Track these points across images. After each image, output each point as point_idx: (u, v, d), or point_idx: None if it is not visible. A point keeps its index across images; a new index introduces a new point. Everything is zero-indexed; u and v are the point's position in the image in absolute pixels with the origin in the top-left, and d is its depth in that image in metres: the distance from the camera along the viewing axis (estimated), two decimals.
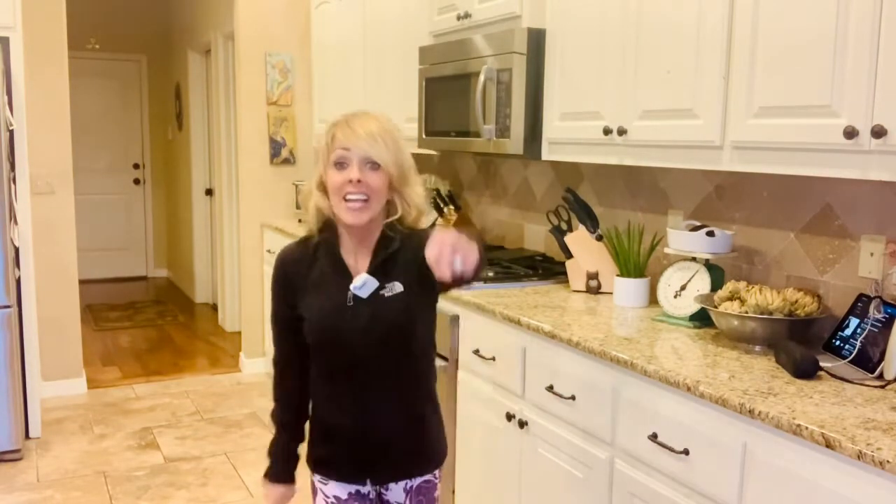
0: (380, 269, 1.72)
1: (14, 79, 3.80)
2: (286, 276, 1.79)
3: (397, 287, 1.71)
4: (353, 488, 1.83)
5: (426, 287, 1.69)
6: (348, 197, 1.65)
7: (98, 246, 7.91)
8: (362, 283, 1.70)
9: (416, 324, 1.76)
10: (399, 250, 1.73)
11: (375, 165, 1.66)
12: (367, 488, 1.84)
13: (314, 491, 1.87)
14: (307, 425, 1.87)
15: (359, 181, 1.64)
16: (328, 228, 1.75)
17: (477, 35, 2.95)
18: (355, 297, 1.71)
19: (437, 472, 1.88)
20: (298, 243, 1.82)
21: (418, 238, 1.68)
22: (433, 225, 3.84)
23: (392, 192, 1.71)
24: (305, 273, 1.76)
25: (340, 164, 1.66)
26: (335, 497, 1.82)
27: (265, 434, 4.03)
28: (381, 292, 1.71)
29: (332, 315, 1.72)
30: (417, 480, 1.84)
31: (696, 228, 2.34)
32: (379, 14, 3.91)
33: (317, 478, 1.85)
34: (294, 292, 1.76)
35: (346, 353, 1.73)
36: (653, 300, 2.50)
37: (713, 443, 1.73)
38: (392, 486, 1.84)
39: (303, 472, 1.89)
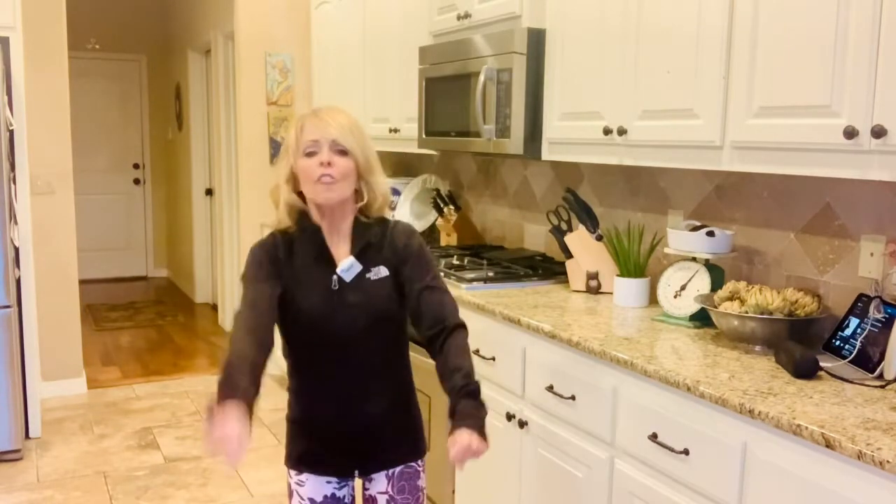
0: (363, 254, 1.77)
1: (14, 79, 3.80)
2: (268, 257, 1.77)
3: (383, 271, 1.78)
4: (329, 490, 1.84)
5: (398, 276, 1.80)
6: (320, 178, 1.70)
7: (98, 246, 7.92)
8: (348, 267, 1.75)
9: (398, 308, 1.81)
10: (381, 239, 1.79)
11: (343, 151, 1.72)
12: (343, 492, 1.86)
13: (290, 493, 1.88)
14: (282, 418, 1.86)
15: (329, 163, 1.69)
16: (304, 220, 1.78)
17: (477, 35, 2.95)
18: (340, 280, 1.75)
19: (420, 461, 1.90)
20: (270, 236, 1.82)
21: (397, 233, 1.81)
22: (432, 225, 3.85)
23: (359, 181, 1.76)
24: (285, 260, 1.78)
25: (311, 153, 1.71)
26: (310, 500, 1.84)
27: (265, 434, 4.03)
28: (367, 276, 1.76)
29: (318, 301, 1.74)
30: (399, 466, 1.86)
31: (696, 228, 2.34)
32: (379, 14, 3.91)
33: (294, 479, 1.85)
34: (278, 271, 1.76)
35: (331, 339, 1.75)
36: (653, 300, 2.50)
37: (713, 443, 1.73)
38: (374, 474, 1.86)
39: (281, 472, 1.88)
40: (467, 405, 1.64)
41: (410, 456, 1.88)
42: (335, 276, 1.75)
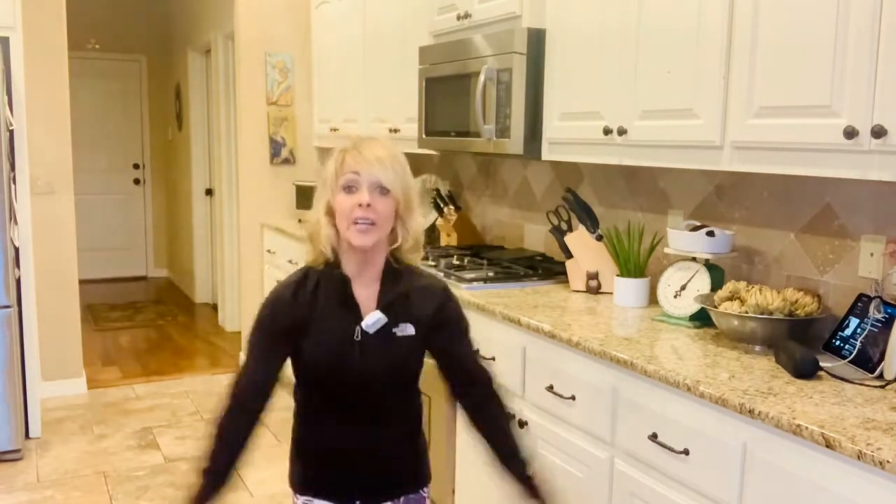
0: (389, 307, 1.70)
1: (14, 79, 3.80)
2: (289, 303, 1.71)
3: (409, 329, 1.71)
4: None
5: (429, 340, 1.76)
6: (357, 221, 1.62)
7: (98, 246, 7.91)
8: (374, 321, 1.68)
9: (419, 363, 1.78)
10: (411, 293, 1.72)
11: (385, 191, 1.64)
12: None
13: None
14: (285, 447, 1.84)
15: (368, 205, 1.61)
16: (333, 263, 1.71)
17: (477, 35, 2.95)
18: (363, 332, 1.69)
19: (425, 488, 1.87)
20: (300, 273, 1.75)
21: (428, 291, 1.75)
22: (432, 225, 3.84)
23: (396, 219, 1.69)
24: (309, 301, 1.70)
25: (349, 189, 1.64)
26: None
27: (265, 433, 4.02)
28: (393, 330, 1.69)
29: (338, 350, 1.68)
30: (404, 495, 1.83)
31: (696, 228, 2.34)
32: (379, 14, 3.91)
33: (300, 499, 1.82)
34: (288, 332, 1.70)
35: (346, 387, 1.71)
36: (653, 300, 2.50)
37: (713, 443, 1.73)
38: None
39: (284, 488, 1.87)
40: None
41: (414, 486, 1.84)
42: (358, 328, 1.68)
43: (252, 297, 5.08)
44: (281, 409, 1.87)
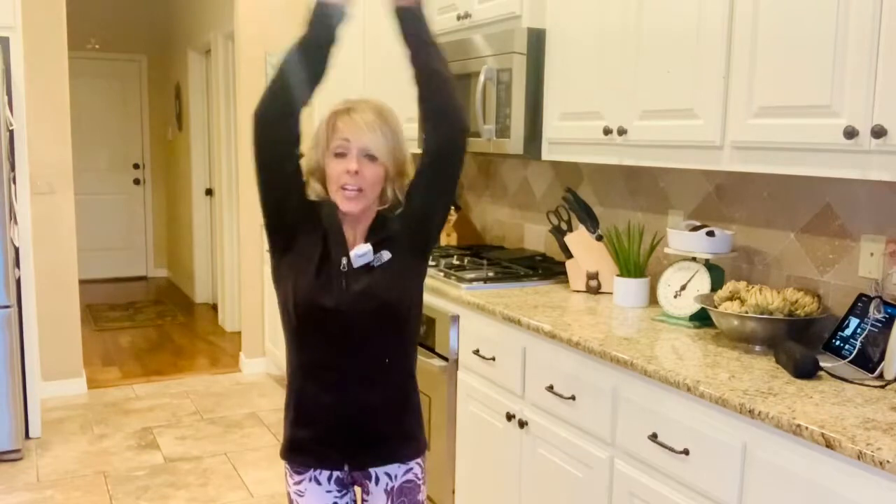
0: (376, 245, 1.73)
1: (14, 79, 3.80)
2: (307, 197, 1.75)
3: (385, 255, 1.73)
4: (330, 500, 1.80)
5: (416, 250, 1.77)
6: (345, 186, 1.67)
7: (98, 246, 7.92)
8: (363, 253, 1.71)
9: (404, 293, 1.76)
10: (388, 229, 1.76)
11: (373, 157, 1.68)
12: (344, 499, 1.82)
13: (290, 502, 1.85)
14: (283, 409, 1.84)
15: (356, 172, 1.66)
16: (328, 202, 1.75)
17: (477, 35, 2.95)
18: (349, 264, 1.71)
19: (419, 470, 1.83)
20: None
21: (397, 213, 1.77)
22: None
23: (387, 182, 1.73)
24: (314, 224, 1.74)
25: (339, 154, 1.68)
26: None
27: (265, 434, 4.03)
28: (371, 264, 1.72)
29: (322, 280, 1.69)
30: (399, 480, 1.80)
31: (696, 228, 2.34)
32: (379, 14, 3.91)
33: (293, 487, 1.81)
34: (304, 204, 1.74)
35: (331, 323, 1.70)
36: (653, 300, 2.50)
37: (713, 443, 1.73)
38: (373, 488, 1.80)
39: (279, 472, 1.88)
40: None
41: (407, 452, 1.80)
42: (345, 259, 1.71)
43: (252, 297, 5.08)
44: (282, 408, 1.87)
